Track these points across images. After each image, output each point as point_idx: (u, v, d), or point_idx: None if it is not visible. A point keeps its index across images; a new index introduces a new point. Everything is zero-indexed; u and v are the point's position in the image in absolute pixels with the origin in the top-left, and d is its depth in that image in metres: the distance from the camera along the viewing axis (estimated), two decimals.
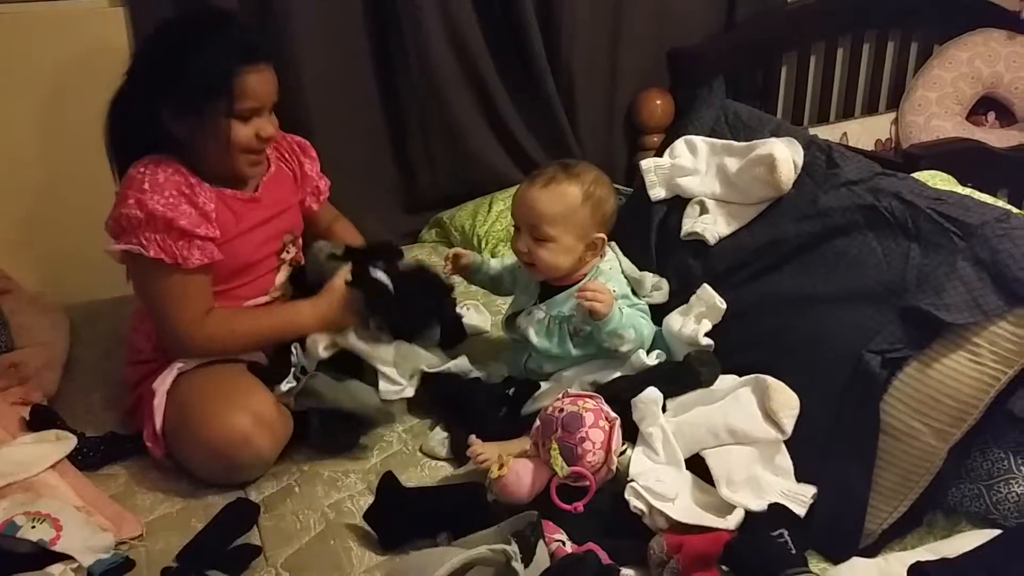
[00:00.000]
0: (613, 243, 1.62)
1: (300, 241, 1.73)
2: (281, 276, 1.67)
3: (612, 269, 1.59)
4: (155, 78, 1.48)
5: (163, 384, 1.51)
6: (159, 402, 1.49)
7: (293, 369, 1.53)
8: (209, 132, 1.49)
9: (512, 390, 1.57)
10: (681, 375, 1.46)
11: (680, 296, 1.58)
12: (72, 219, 2.10)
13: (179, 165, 1.50)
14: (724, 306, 1.49)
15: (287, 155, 1.75)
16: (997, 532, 1.27)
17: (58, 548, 1.25)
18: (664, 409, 1.42)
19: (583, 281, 1.56)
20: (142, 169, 1.48)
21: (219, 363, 1.55)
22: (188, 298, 1.50)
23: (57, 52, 1.99)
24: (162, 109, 1.48)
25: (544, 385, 1.56)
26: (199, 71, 1.45)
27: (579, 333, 1.54)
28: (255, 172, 1.61)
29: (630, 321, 1.49)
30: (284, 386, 1.51)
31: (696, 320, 1.50)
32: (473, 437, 1.41)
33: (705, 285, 1.52)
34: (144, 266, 1.49)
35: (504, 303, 1.85)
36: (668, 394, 1.43)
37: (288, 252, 1.68)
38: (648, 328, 1.53)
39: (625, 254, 1.64)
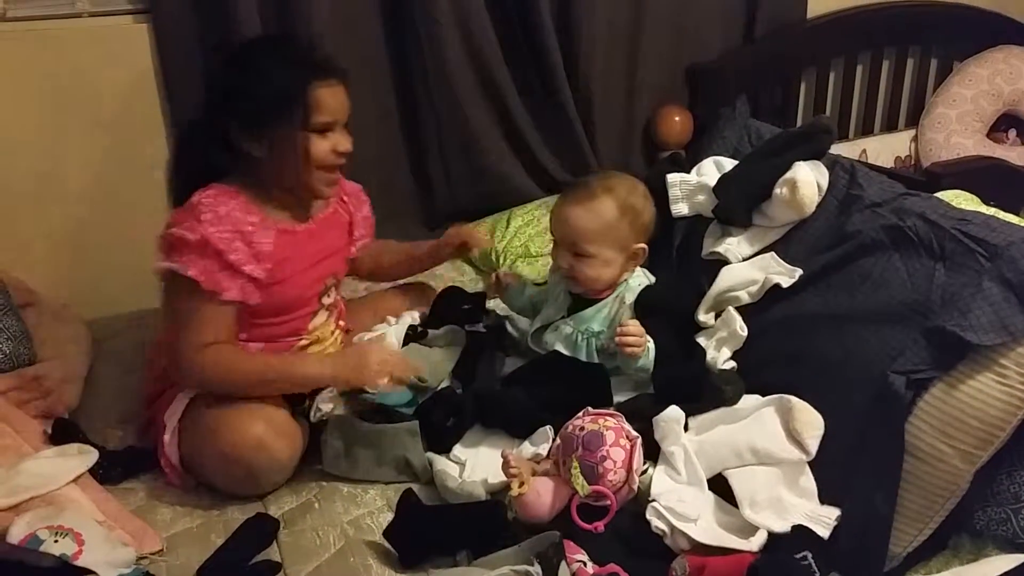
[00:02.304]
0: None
1: (339, 286, 1.73)
2: (318, 320, 1.66)
3: (640, 286, 1.58)
4: (229, 97, 1.49)
5: (173, 417, 1.51)
6: (168, 437, 1.50)
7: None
8: (286, 147, 1.48)
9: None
10: (706, 393, 1.45)
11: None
12: (95, 233, 2.12)
13: (244, 199, 1.50)
14: (745, 333, 1.49)
15: (346, 199, 1.74)
16: None
17: (80, 563, 1.25)
18: (686, 428, 1.41)
19: (612, 295, 1.55)
20: (206, 199, 1.47)
21: None
22: (206, 325, 1.47)
23: (80, 68, 2.01)
24: (236, 129, 1.48)
25: None
26: (273, 85, 1.46)
27: (607, 350, 1.54)
28: (330, 192, 1.60)
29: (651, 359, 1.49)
30: (323, 405, 1.52)
31: (716, 346, 1.49)
32: (506, 451, 1.40)
33: (730, 309, 1.51)
34: (179, 284, 1.47)
35: None
36: (691, 412, 1.42)
37: (328, 296, 1.68)
38: None
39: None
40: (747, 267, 1.54)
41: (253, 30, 1.99)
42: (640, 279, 1.60)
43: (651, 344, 1.50)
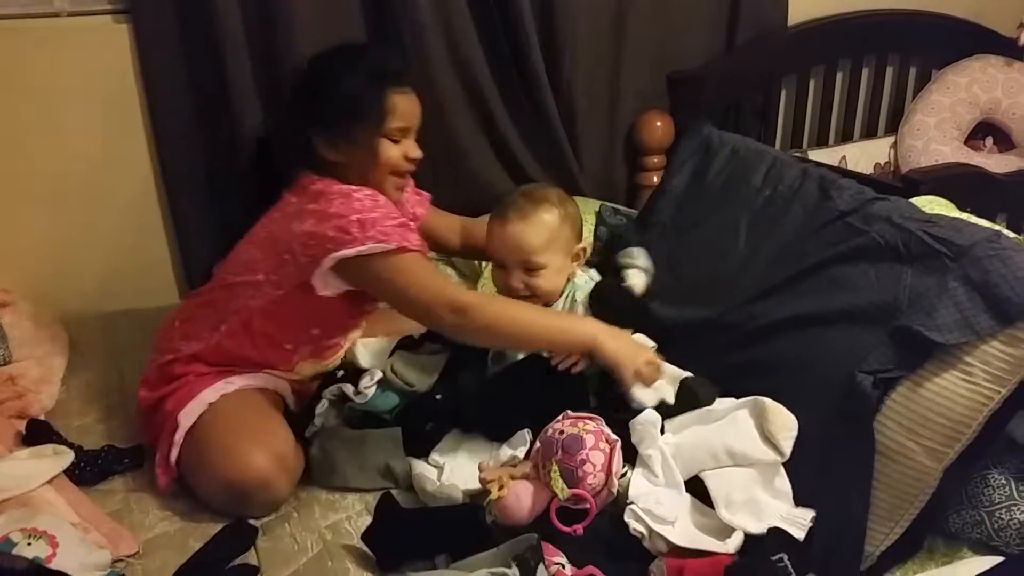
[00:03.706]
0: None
1: None
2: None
3: (587, 283, 1.61)
4: (307, 106, 1.55)
5: (188, 419, 1.49)
6: (179, 437, 1.48)
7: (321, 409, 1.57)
8: (361, 152, 1.54)
9: None
10: (679, 397, 1.44)
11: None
12: (73, 233, 2.11)
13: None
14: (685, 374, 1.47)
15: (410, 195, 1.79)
16: (999, 559, 1.27)
17: (54, 566, 1.24)
18: (663, 430, 1.42)
19: (562, 298, 1.58)
20: (331, 186, 1.51)
21: (249, 397, 1.55)
22: (430, 270, 1.55)
23: (60, 68, 2.00)
24: (315, 135, 1.54)
25: None
26: (349, 93, 1.53)
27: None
28: (399, 196, 1.64)
29: None
30: (317, 419, 1.55)
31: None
32: (483, 462, 1.41)
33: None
34: (379, 263, 1.48)
35: None
36: (666, 416, 1.43)
37: None
38: None
39: None
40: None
41: (234, 31, 1.98)
42: (585, 277, 1.62)
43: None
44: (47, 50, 1.98)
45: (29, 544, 1.25)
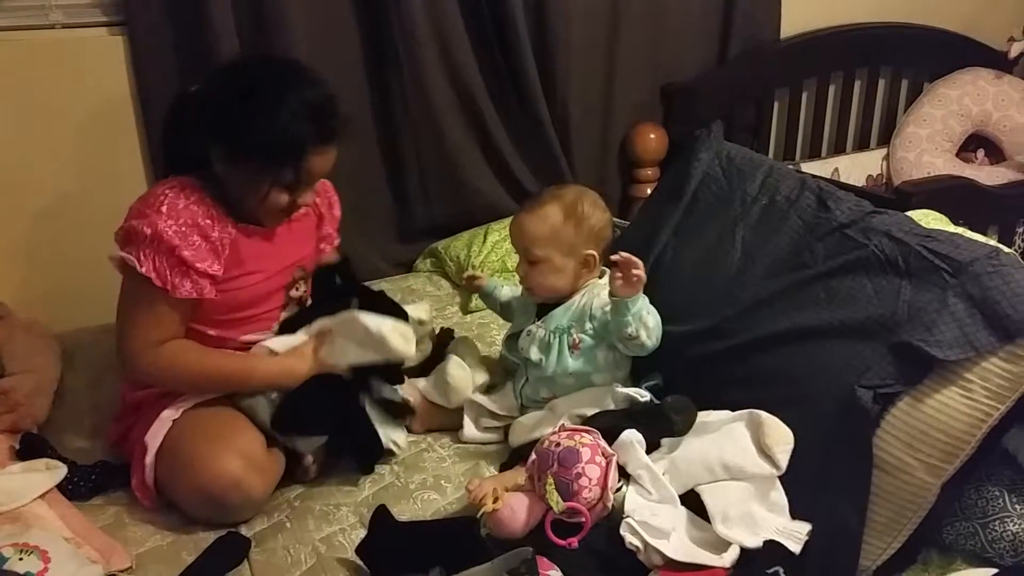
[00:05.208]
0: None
1: (310, 279, 1.70)
2: (287, 313, 1.65)
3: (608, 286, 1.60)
4: (222, 122, 1.45)
5: (155, 439, 1.49)
6: (150, 460, 1.48)
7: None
8: (249, 185, 1.48)
9: None
10: (655, 421, 1.44)
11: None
12: (67, 246, 2.10)
13: (207, 195, 1.50)
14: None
15: (318, 200, 1.71)
16: (993, 571, 1.27)
17: None
18: (659, 444, 1.42)
19: (578, 295, 1.58)
20: (167, 191, 1.47)
21: (212, 405, 1.54)
22: (154, 322, 1.48)
23: (56, 79, 2.00)
24: (216, 148, 1.47)
25: (538, 414, 1.56)
26: (269, 139, 1.42)
27: (578, 346, 1.55)
28: (272, 224, 1.59)
29: (649, 307, 1.50)
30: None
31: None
32: (472, 480, 1.40)
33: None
34: (132, 278, 1.48)
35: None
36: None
37: (298, 289, 1.67)
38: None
39: None
40: None
41: (229, 43, 1.99)
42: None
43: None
44: (42, 63, 1.98)
45: (21, 559, 1.24)
